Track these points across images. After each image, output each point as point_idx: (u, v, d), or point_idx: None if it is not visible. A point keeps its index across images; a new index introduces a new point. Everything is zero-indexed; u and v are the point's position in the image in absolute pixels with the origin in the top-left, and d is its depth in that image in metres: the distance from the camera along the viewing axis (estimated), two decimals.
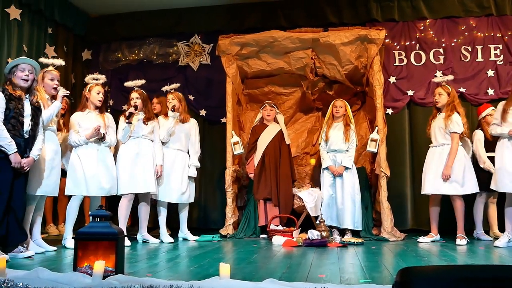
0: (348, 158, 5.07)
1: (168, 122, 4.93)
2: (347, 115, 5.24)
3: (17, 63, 3.73)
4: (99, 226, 2.60)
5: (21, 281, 2.20)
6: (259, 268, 3.09)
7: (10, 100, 3.61)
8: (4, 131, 3.54)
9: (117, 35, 6.81)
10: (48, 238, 4.81)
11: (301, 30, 5.54)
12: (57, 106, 4.07)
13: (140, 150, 4.67)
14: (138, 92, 4.80)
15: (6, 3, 5.28)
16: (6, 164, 3.55)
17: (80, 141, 4.34)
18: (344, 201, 5.02)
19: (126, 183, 4.56)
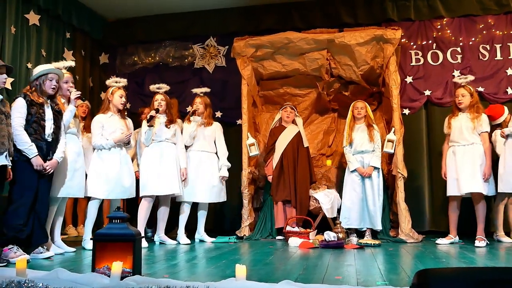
0: (376, 158, 5.04)
1: (190, 126, 4.98)
2: (368, 115, 5.21)
3: (47, 72, 3.81)
4: (117, 227, 2.63)
5: (41, 282, 2.24)
6: (275, 270, 3.08)
7: (32, 105, 3.70)
8: (24, 135, 3.62)
9: (133, 38, 6.89)
10: (68, 239, 4.88)
11: (316, 31, 5.53)
12: (72, 110, 4.13)
13: (163, 153, 4.71)
14: (163, 95, 4.84)
15: (25, 9, 5.38)
16: (30, 167, 3.64)
17: (107, 145, 4.38)
18: (375, 202, 4.99)
19: (150, 185, 4.60)
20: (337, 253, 3.99)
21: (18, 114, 3.63)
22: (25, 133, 3.63)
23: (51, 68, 3.88)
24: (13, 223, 3.53)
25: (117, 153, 4.44)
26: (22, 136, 3.61)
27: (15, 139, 3.59)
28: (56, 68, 3.94)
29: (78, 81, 6.24)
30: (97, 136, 4.42)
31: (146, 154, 4.73)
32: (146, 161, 4.70)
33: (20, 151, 3.61)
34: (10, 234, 3.52)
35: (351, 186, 5.11)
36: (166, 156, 4.71)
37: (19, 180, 3.60)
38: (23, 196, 3.60)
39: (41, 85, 3.80)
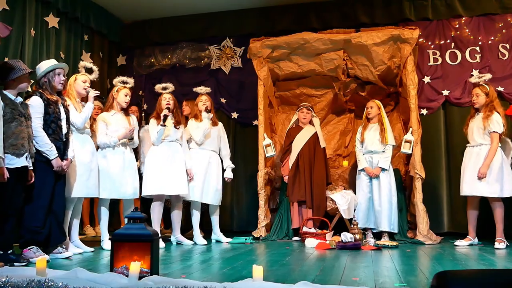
0: (384, 159, 5.00)
1: (204, 123, 4.96)
2: (381, 115, 5.16)
3: (55, 68, 3.84)
4: (135, 228, 2.65)
5: (60, 281, 2.27)
6: (292, 271, 3.08)
7: (49, 105, 3.73)
8: (45, 137, 3.66)
9: (150, 40, 6.95)
10: (86, 239, 4.94)
11: (333, 31, 5.51)
12: (90, 107, 4.16)
13: (172, 153, 4.71)
14: (171, 94, 4.87)
15: (45, 12, 5.47)
16: (48, 168, 3.69)
17: (111, 142, 4.38)
18: (381, 203, 4.95)
19: (158, 185, 4.60)
20: (354, 254, 3.97)
21: (37, 115, 3.66)
22: (45, 134, 3.67)
23: (58, 64, 3.91)
24: (31, 225, 3.58)
25: (121, 152, 4.44)
26: (43, 138, 3.65)
27: (36, 140, 3.63)
28: (59, 62, 3.96)
29: (96, 82, 6.28)
30: (101, 135, 4.40)
31: (154, 153, 4.69)
32: (153, 160, 4.66)
33: (38, 152, 3.65)
34: (28, 236, 3.57)
35: (360, 185, 5.12)
36: (175, 157, 4.71)
37: (37, 181, 3.63)
38: (40, 197, 3.64)
39: (50, 81, 3.81)
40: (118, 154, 4.42)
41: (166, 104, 4.73)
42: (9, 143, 3.32)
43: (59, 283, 2.24)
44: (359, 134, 5.21)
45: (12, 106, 3.41)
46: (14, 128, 3.37)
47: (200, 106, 5.05)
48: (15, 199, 3.46)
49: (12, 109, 3.40)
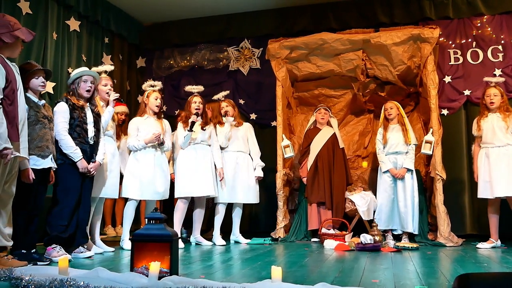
0: (409, 160, 4.95)
1: (224, 127, 5.01)
2: (400, 115, 5.12)
3: (81, 75, 3.92)
4: (155, 228, 2.67)
5: (82, 280, 2.30)
6: (311, 272, 3.07)
7: (74, 109, 3.81)
8: (69, 140, 3.74)
9: (169, 42, 7.01)
10: (106, 239, 5.00)
11: (351, 31, 5.48)
12: (110, 111, 4.23)
13: (199, 155, 4.76)
14: (200, 97, 4.90)
15: (66, 15, 5.57)
16: (75, 170, 3.76)
17: (138, 146, 4.46)
18: (406, 204, 4.90)
19: (185, 186, 4.66)
20: (373, 256, 3.93)
21: (61, 119, 3.74)
22: (69, 137, 3.75)
23: (85, 70, 3.98)
24: (57, 223, 3.66)
25: (151, 154, 4.51)
26: (67, 141, 3.73)
27: (61, 144, 3.71)
28: (90, 70, 4.04)
29: (116, 84, 6.40)
30: (131, 138, 4.51)
31: (182, 156, 4.78)
32: (181, 163, 4.76)
33: (65, 155, 3.73)
34: (53, 234, 3.65)
35: (384, 187, 5.05)
36: (202, 158, 4.76)
37: (64, 182, 3.72)
38: (67, 197, 3.72)
39: (77, 88, 3.90)
40: (149, 157, 4.49)
41: (196, 109, 4.79)
42: (34, 145, 3.39)
43: (80, 282, 2.27)
44: (380, 135, 5.15)
45: (36, 109, 3.48)
46: (39, 130, 3.45)
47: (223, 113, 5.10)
48: (38, 200, 3.54)
49: (36, 112, 3.47)
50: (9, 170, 3.12)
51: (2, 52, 3.10)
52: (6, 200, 3.16)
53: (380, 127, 5.21)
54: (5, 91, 3.00)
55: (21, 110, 3.15)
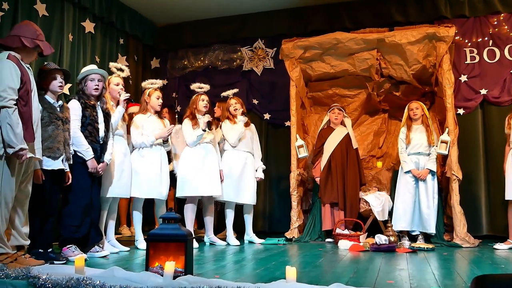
0: (432, 161, 4.92)
1: (239, 126, 4.99)
2: (425, 115, 5.07)
3: (88, 74, 3.95)
4: (169, 228, 2.69)
5: (98, 279, 2.32)
6: (325, 272, 3.06)
7: (86, 108, 3.84)
8: (82, 138, 3.77)
9: (183, 43, 7.04)
10: (121, 238, 5.04)
11: (366, 30, 5.44)
12: (120, 111, 4.23)
13: (206, 155, 4.75)
14: (206, 95, 4.90)
15: (82, 17, 5.63)
16: (85, 169, 3.79)
17: (148, 142, 4.45)
18: (429, 205, 4.86)
19: (192, 186, 4.64)
20: (388, 256, 3.91)
21: (74, 117, 3.77)
22: (82, 135, 3.78)
23: (91, 69, 4.01)
24: (69, 224, 3.69)
25: (158, 152, 4.50)
26: (80, 139, 3.76)
27: (73, 141, 3.74)
28: (97, 68, 4.07)
29: (131, 85, 6.45)
30: (137, 135, 4.46)
31: (189, 154, 4.73)
32: (188, 161, 4.70)
33: (76, 153, 3.75)
34: (66, 235, 3.69)
35: (405, 187, 4.99)
36: (209, 158, 4.75)
37: (74, 182, 3.74)
38: (77, 197, 3.74)
39: (84, 87, 3.93)
40: (156, 155, 4.49)
41: (205, 107, 4.79)
42: (45, 146, 3.42)
43: (96, 281, 2.29)
44: (403, 135, 5.09)
45: (50, 110, 3.52)
46: (51, 131, 3.48)
47: (232, 111, 5.06)
48: (53, 200, 3.59)
49: (49, 113, 3.50)
50: (25, 170, 3.17)
51: (19, 53, 3.15)
52: (23, 199, 3.21)
53: (403, 127, 5.15)
54: (19, 92, 3.05)
55: (35, 111, 3.19)
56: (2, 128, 2.95)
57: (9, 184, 3.01)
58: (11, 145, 2.95)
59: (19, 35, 3.16)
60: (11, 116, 2.95)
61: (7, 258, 2.98)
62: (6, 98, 2.96)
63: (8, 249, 3.04)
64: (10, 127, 2.94)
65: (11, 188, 3.02)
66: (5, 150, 2.96)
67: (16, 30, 3.22)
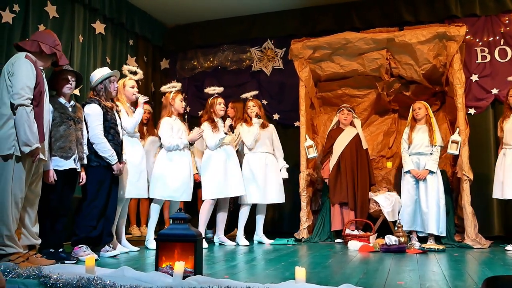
0: (432, 162, 4.88)
1: (254, 128, 5.01)
2: (428, 115, 5.04)
3: (108, 76, 3.98)
4: (179, 228, 2.70)
5: (108, 279, 2.34)
6: (335, 273, 3.05)
7: (107, 112, 3.88)
8: (107, 143, 3.81)
9: (192, 43, 7.06)
10: (131, 238, 5.07)
11: (375, 30, 5.42)
12: (140, 113, 4.27)
13: (229, 156, 4.77)
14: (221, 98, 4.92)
15: (92, 18, 5.67)
16: (107, 173, 3.84)
17: (181, 144, 4.47)
18: (428, 205, 4.83)
19: (218, 188, 4.65)
20: (398, 257, 3.89)
21: (97, 122, 3.80)
22: (106, 141, 3.82)
23: (112, 71, 4.05)
24: (86, 224, 3.73)
25: (186, 155, 4.54)
26: (105, 144, 3.80)
27: (98, 147, 3.78)
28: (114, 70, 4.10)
29: (141, 86, 6.48)
30: (169, 137, 4.47)
31: (211, 157, 4.74)
32: (211, 164, 4.72)
33: (101, 158, 3.79)
34: (83, 235, 3.71)
35: (406, 187, 5.02)
36: (231, 159, 4.78)
37: (96, 183, 3.78)
38: (97, 199, 3.79)
39: (106, 88, 3.96)
40: (186, 158, 4.52)
41: (222, 110, 4.82)
42: (57, 146, 3.45)
43: (106, 280, 2.31)
44: (406, 135, 5.10)
45: (61, 110, 3.54)
46: (63, 131, 3.51)
47: (249, 113, 5.09)
48: (65, 200, 3.61)
49: (60, 113, 3.53)
50: (35, 171, 3.20)
51: (35, 57, 3.21)
52: (33, 199, 3.25)
53: (406, 127, 5.15)
54: (33, 92, 3.09)
55: (46, 113, 3.23)
56: (19, 126, 2.98)
57: (19, 184, 3.04)
58: (28, 143, 2.98)
59: (38, 41, 3.23)
60: (28, 115, 2.99)
61: (18, 257, 3.02)
62: (24, 97, 3.00)
63: (19, 248, 3.07)
64: (27, 126, 2.98)
65: (21, 188, 3.06)
66: (20, 149, 2.99)
67: (36, 36, 3.31)
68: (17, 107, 2.99)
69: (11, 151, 3.00)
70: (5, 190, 2.99)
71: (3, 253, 2.98)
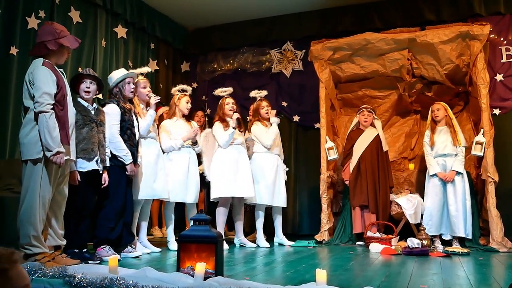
0: (458, 163, 4.80)
1: (273, 127, 5.00)
2: (448, 116, 4.96)
3: (125, 77, 4.03)
4: (200, 229, 2.72)
5: (131, 279, 2.37)
6: (356, 276, 3.02)
7: (124, 112, 3.93)
8: (122, 142, 3.87)
9: (213, 46, 7.10)
10: (153, 240, 5.11)
11: (396, 30, 5.37)
12: (152, 114, 4.28)
13: (239, 156, 4.78)
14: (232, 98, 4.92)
15: (114, 23, 5.76)
16: (122, 173, 3.89)
17: (176, 145, 4.50)
18: (458, 208, 4.75)
19: (227, 187, 4.66)
20: (421, 260, 3.83)
21: (114, 122, 3.87)
22: (122, 140, 3.87)
23: (127, 73, 4.09)
24: (105, 225, 3.78)
25: (186, 155, 4.54)
26: (120, 144, 3.86)
27: (114, 146, 3.84)
28: (129, 71, 4.15)
29: (162, 89, 6.56)
30: (165, 140, 4.52)
31: (222, 156, 4.74)
32: (222, 163, 4.72)
33: (115, 157, 3.85)
34: (102, 236, 3.77)
35: (433, 190, 4.90)
36: (242, 159, 4.79)
37: (111, 184, 3.83)
38: (113, 200, 3.84)
39: (121, 90, 4.01)
40: (184, 158, 4.53)
41: (231, 110, 4.81)
42: (80, 148, 3.52)
43: (129, 281, 2.34)
44: (427, 138, 5.02)
45: (84, 113, 3.61)
46: (85, 133, 3.57)
47: (263, 113, 5.08)
48: (87, 201, 3.67)
49: (83, 116, 3.59)
50: (61, 172, 3.27)
51: (50, 59, 3.25)
52: (60, 201, 3.31)
53: (427, 129, 5.08)
54: (56, 97, 3.16)
55: (70, 115, 3.29)
56: (41, 132, 3.06)
57: (47, 186, 3.11)
58: (49, 148, 3.05)
59: (42, 41, 3.22)
60: (48, 121, 3.06)
61: (44, 257, 3.08)
62: (43, 104, 3.06)
63: (45, 249, 3.14)
64: (47, 131, 3.05)
65: (49, 190, 3.13)
66: (44, 153, 3.07)
67: (38, 37, 3.28)
68: (38, 114, 3.06)
69: (40, 155, 3.08)
70: (34, 192, 3.07)
71: (29, 253, 3.05)
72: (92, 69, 4.15)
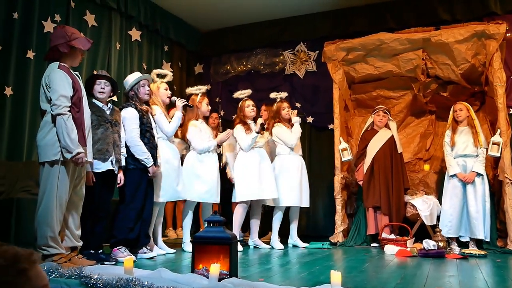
0: (479, 164, 4.74)
1: (296, 127, 5.01)
2: (470, 117, 4.91)
3: (139, 80, 4.07)
4: (214, 231, 2.73)
5: (146, 280, 2.38)
6: (371, 278, 3.00)
7: (142, 115, 3.96)
8: (143, 146, 3.89)
9: (226, 48, 7.13)
10: (168, 241, 5.14)
11: (410, 30, 5.32)
12: (179, 116, 4.32)
13: (261, 159, 4.79)
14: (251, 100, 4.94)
15: (128, 26, 5.82)
16: (143, 176, 3.92)
17: (211, 146, 4.52)
18: (478, 210, 4.69)
19: (253, 190, 4.66)
20: (437, 262, 3.79)
21: (134, 125, 3.89)
22: (143, 144, 3.90)
23: (141, 76, 4.12)
24: (124, 226, 3.81)
25: (215, 157, 4.59)
26: (141, 147, 3.88)
27: (134, 150, 3.86)
28: (144, 74, 4.18)
29: (176, 91, 6.60)
30: (199, 140, 4.51)
31: (244, 159, 4.75)
32: (245, 166, 4.72)
33: (137, 160, 3.88)
34: (121, 236, 3.80)
35: (452, 191, 4.83)
36: (265, 162, 4.80)
37: (133, 186, 3.86)
38: (134, 201, 3.86)
39: (137, 93, 4.04)
40: (214, 160, 4.57)
41: (252, 112, 4.84)
42: (95, 149, 3.54)
43: (144, 282, 2.35)
44: (448, 138, 4.96)
45: (98, 113, 3.64)
46: (100, 134, 3.60)
47: (284, 114, 5.08)
48: (103, 202, 3.70)
49: (98, 116, 3.62)
50: (78, 174, 3.31)
51: (64, 62, 3.29)
52: (77, 202, 3.35)
53: (448, 129, 5.02)
54: (72, 99, 3.19)
55: (86, 116, 3.33)
56: (59, 134, 3.10)
57: (64, 187, 3.15)
58: (68, 150, 3.09)
59: (55, 45, 3.25)
60: (66, 123, 3.10)
61: (61, 258, 3.12)
62: (60, 106, 3.10)
63: (62, 249, 3.17)
64: (66, 133, 3.09)
65: (66, 192, 3.17)
66: (63, 155, 3.10)
67: (51, 42, 3.32)
68: (55, 117, 3.10)
69: (57, 157, 3.11)
70: (51, 193, 3.11)
71: (47, 253, 3.09)
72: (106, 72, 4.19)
